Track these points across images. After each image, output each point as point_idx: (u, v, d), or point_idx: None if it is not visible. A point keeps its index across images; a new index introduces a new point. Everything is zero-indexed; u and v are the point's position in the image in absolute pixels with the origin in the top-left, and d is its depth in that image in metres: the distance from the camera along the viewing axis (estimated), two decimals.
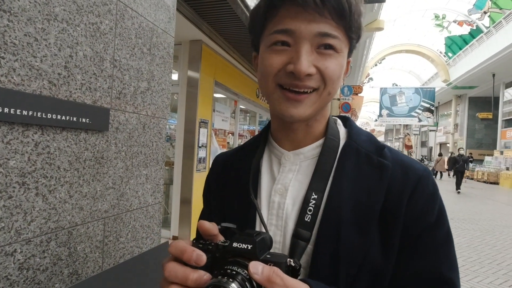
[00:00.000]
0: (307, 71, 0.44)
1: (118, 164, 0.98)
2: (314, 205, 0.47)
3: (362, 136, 0.53)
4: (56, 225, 0.77)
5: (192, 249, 0.35)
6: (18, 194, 0.68)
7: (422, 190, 0.47)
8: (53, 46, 0.74)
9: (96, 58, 0.87)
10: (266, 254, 0.36)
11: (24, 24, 0.68)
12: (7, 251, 0.66)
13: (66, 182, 0.79)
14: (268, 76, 0.47)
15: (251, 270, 0.32)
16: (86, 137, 0.85)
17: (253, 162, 0.55)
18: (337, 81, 0.48)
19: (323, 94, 0.47)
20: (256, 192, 0.53)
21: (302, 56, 0.44)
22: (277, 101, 0.48)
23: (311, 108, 0.47)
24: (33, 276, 0.72)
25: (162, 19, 1.19)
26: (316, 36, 0.44)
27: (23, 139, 0.68)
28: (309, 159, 0.52)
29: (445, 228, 0.47)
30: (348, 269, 0.44)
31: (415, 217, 0.46)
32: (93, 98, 0.87)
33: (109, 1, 0.92)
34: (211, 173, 0.62)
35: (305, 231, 0.46)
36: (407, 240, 0.45)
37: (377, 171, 0.48)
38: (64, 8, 0.77)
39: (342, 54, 0.47)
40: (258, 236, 0.36)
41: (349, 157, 0.50)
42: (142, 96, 1.08)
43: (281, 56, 0.46)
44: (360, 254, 0.44)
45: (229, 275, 0.32)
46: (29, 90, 0.69)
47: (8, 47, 0.65)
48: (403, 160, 0.50)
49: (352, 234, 0.45)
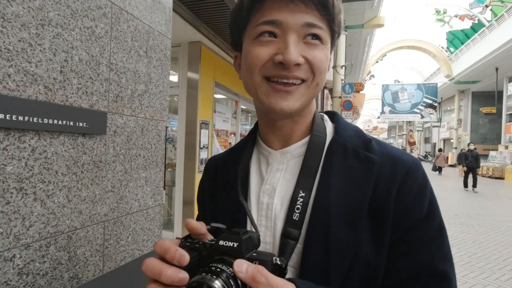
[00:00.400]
0: (297, 60, 0.44)
1: (116, 167, 0.98)
2: (301, 203, 0.46)
3: (349, 131, 0.53)
4: (55, 230, 0.77)
5: (176, 249, 0.34)
6: (16, 199, 0.68)
7: (411, 183, 0.46)
8: (48, 51, 0.74)
9: (92, 62, 0.87)
10: (252, 253, 0.36)
11: (18, 29, 0.68)
12: (6, 257, 0.66)
13: (64, 187, 0.79)
14: (254, 69, 0.46)
15: (235, 268, 0.32)
16: (83, 141, 0.85)
17: (242, 164, 0.54)
18: (324, 72, 0.48)
19: (311, 85, 0.47)
20: (246, 193, 0.52)
21: (290, 46, 0.44)
22: (265, 95, 0.47)
23: (300, 101, 0.47)
24: (33, 281, 0.72)
25: (159, 21, 1.18)
26: (303, 26, 0.44)
27: (19, 144, 0.69)
28: (296, 158, 0.52)
29: (436, 220, 0.46)
30: (338, 268, 0.43)
31: (404, 211, 0.45)
32: (90, 102, 0.87)
33: (104, 4, 0.92)
34: (204, 177, 0.62)
35: (294, 229, 0.46)
36: (398, 235, 0.45)
37: (364, 166, 0.47)
38: (58, 13, 0.77)
39: (327, 46, 0.47)
40: (245, 235, 0.36)
41: (336, 153, 0.49)
42: (140, 98, 1.08)
43: (268, 47, 0.45)
44: (351, 251, 0.43)
45: (214, 272, 0.32)
46: (25, 95, 0.69)
47: (2, 53, 0.65)
48: (391, 153, 0.49)
49: (342, 232, 0.44)
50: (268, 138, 0.54)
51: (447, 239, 0.47)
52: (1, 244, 0.65)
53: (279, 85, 0.45)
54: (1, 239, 0.65)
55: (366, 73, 23.19)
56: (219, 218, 0.53)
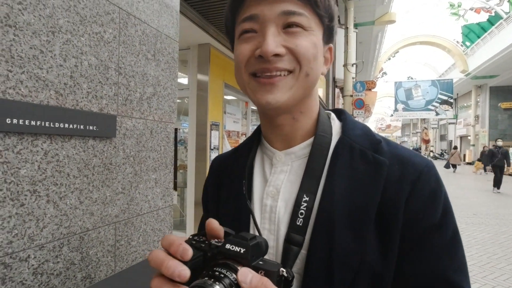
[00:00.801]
0: (274, 51, 0.42)
1: (126, 169, 0.99)
2: (305, 207, 0.45)
3: (357, 131, 0.50)
4: (68, 231, 0.79)
5: (179, 243, 0.34)
6: (30, 201, 0.70)
7: (423, 187, 0.43)
8: (58, 57, 0.76)
9: (101, 67, 0.89)
10: (259, 261, 0.35)
11: (29, 37, 0.70)
12: (21, 257, 0.68)
13: (76, 189, 0.81)
14: (240, 67, 0.46)
15: (239, 278, 0.31)
16: (94, 144, 0.87)
17: (246, 164, 0.53)
18: (313, 60, 0.45)
19: (300, 76, 0.45)
20: (249, 195, 0.51)
21: (267, 37, 0.43)
22: (252, 91, 0.46)
23: (289, 93, 0.45)
24: (47, 281, 0.74)
25: (166, 24, 1.20)
26: (280, 16, 0.43)
27: (32, 148, 0.71)
28: (301, 159, 0.50)
29: (450, 228, 0.44)
30: (343, 275, 0.41)
31: (415, 217, 0.42)
32: (100, 106, 0.89)
33: (112, 10, 0.94)
34: (208, 178, 0.62)
35: (298, 235, 0.44)
36: (408, 242, 0.42)
37: (372, 168, 0.45)
38: (67, 19, 0.79)
39: (312, 32, 0.45)
40: (253, 241, 0.35)
41: (342, 154, 0.47)
42: (149, 101, 1.10)
43: (249, 43, 0.45)
44: (356, 258, 0.41)
45: (217, 278, 0.31)
46: (37, 100, 0.72)
47: (15, 60, 0.67)
48: (401, 154, 0.46)
49: (347, 238, 0.42)
50: (270, 138, 0.53)
51: (462, 249, 0.44)
52: (16, 244, 0.68)
53: (263, 79, 0.44)
54: (16, 240, 0.68)
55: (378, 70, 22.79)
56: (222, 220, 0.53)
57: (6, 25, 0.66)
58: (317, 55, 0.46)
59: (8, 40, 0.66)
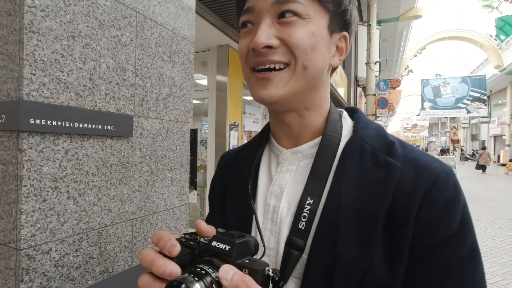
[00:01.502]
0: (265, 43, 0.40)
1: (143, 168, 1.03)
2: (309, 210, 0.42)
3: (369, 131, 0.47)
4: (87, 226, 0.83)
5: (168, 238, 0.34)
6: (52, 197, 0.74)
7: (438, 195, 0.39)
8: (78, 60, 0.80)
9: (119, 69, 0.93)
10: (245, 259, 0.34)
11: (51, 42, 0.74)
12: (43, 250, 0.72)
13: (94, 186, 0.85)
14: (242, 62, 0.45)
15: (220, 274, 0.31)
16: (111, 143, 0.90)
17: (253, 162, 0.52)
18: (310, 51, 0.42)
19: (296, 69, 0.42)
20: (254, 193, 0.50)
21: (259, 29, 0.41)
22: (251, 86, 0.45)
23: (285, 88, 0.42)
24: (67, 273, 0.78)
25: (182, 26, 1.23)
26: (273, 5, 0.41)
27: (54, 147, 0.75)
28: (308, 158, 0.48)
29: (469, 241, 0.39)
30: (345, 285, 0.39)
31: (428, 227, 0.39)
32: (117, 107, 0.92)
33: (129, 14, 0.97)
34: (216, 174, 0.62)
35: (299, 239, 0.42)
36: (419, 255, 0.39)
37: (383, 172, 0.41)
38: (87, 24, 0.83)
39: (311, 20, 0.42)
40: (240, 239, 0.34)
41: (352, 155, 0.44)
42: (164, 102, 1.13)
43: (247, 37, 0.44)
44: (361, 268, 0.38)
45: (198, 274, 0.31)
46: (58, 102, 0.76)
47: (38, 64, 0.71)
48: (417, 158, 0.42)
49: (352, 245, 0.39)
50: (278, 135, 0.51)
51: (482, 265, 0.40)
52: (39, 238, 0.72)
53: (259, 73, 0.43)
54: (39, 233, 0.72)
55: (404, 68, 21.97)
56: (227, 218, 0.53)
57: (30, 31, 0.70)
58: (316, 45, 0.42)
59: (32, 45, 0.70)
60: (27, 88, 0.69)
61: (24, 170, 0.69)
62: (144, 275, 0.33)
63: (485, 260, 3.88)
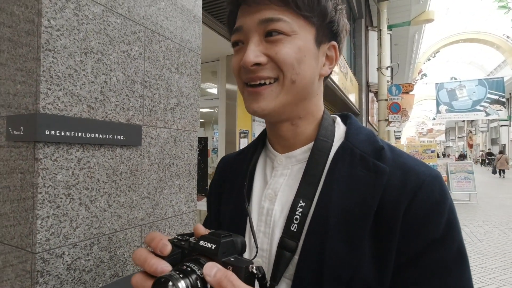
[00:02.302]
0: (252, 61, 0.43)
1: (151, 175, 1.07)
2: (301, 213, 0.44)
3: (360, 136, 0.49)
4: (98, 231, 0.87)
5: (160, 239, 0.36)
6: (65, 203, 0.79)
7: (424, 199, 0.40)
8: (90, 74, 0.86)
9: (128, 81, 0.98)
10: (230, 257, 0.35)
11: (65, 59, 0.80)
12: (57, 253, 0.77)
13: (105, 193, 0.89)
14: (236, 78, 0.48)
15: (204, 271, 0.32)
16: (121, 152, 0.95)
17: (249, 166, 0.54)
18: (297, 65, 0.44)
19: (285, 83, 0.44)
20: (249, 196, 0.52)
21: (248, 48, 0.44)
22: (244, 99, 0.48)
23: (275, 101, 0.45)
24: (79, 276, 0.82)
25: (188, 39, 1.28)
26: (260, 24, 0.44)
27: (67, 156, 0.80)
28: (301, 163, 0.50)
29: (454, 245, 0.40)
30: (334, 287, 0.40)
31: (414, 229, 0.39)
32: (127, 117, 0.97)
33: (138, 30, 1.03)
34: (214, 178, 0.64)
35: (291, 241, 0.44)
36: (404, 258, 0.39)
37: (371, 175, 0.43)
38: (98, 41, 0.89)
39: (297, 36, 0.44)
40: (226, 238, 0.36)
41: (343, 159, 0.46)
42: (172, 112, 1.17)
43: (238, 55, 0.47)
44: (349, 270, 0.39)
45: (184, 272, 0.33)
46: (71, 114, 0.81)
47: (53, 79, 0.77)
48: (405, 162, 0.44)
49: (340, 248, 0.40)
50: (273, 141, 0.54)
51: (469, 269, 0.40)
52: (53, 242, 0.76)
53: (251, 88, 0.46)
54: (53, 238, 0.76)
55: (417, 72, 21.61)
56: (222, 220, 0.55)
57: (46, 50, 0.76)
58: (303, 59, 0.45)
59: (48, 62, 0.76)
60: (43, 101, 0.75)
61: (40, 178, 0.74)
62: (137, 274, 0.36)
63: (506, 269, 3.71)
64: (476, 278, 3.49)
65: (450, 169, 8.33)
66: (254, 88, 0.45)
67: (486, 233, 5.20)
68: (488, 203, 8.27)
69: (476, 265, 3.88)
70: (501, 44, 20.09)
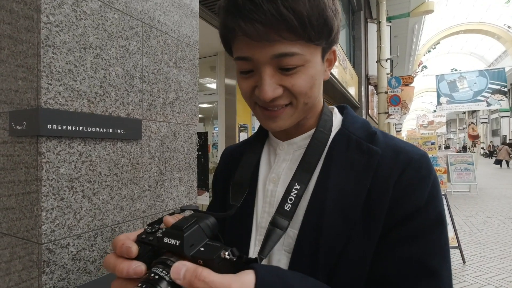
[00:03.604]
0: (272, 96, 0.45)
1: (152, 168, 1.09)
2: (295, 195, 0.48)
3: (356, 124, 0.53)
4: (101, 223, 0.89)
5: (122, 242, 0.35)
6: (68, 196, 0.81)
7: (412, 174, 0.45)
8: (89, 69, 0.87)
9: (127, 76, 0.99)
10: (200, 247, 0.33)
11: (65, 54, 0.81)
12: (62, 244, 0.79)
13: (107, 186, 0.91)
14: (245, 97, 0.51)
15: (172, 276, 0.30)
16: (122, 146, 0.97)
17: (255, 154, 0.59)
18: (310, 91, 0.47)
19: (298, 106, 0.48)
20: (255, 182, 0.56)
21: (264, 83, 0.44)
22: (258, 116, 0.51)
23: (290, 120, 0.49)
24: (84, 266, 0.84)
25: (186, 34, 1.29)
26: (272, 59, 0.44)
27: (69, 150, 0.82)
28: (302, 148, 0.54)
29: (435, 212, 0.44)
30: (327, 259, 0.44)
31: (401, 199, 0.44)
32: (126, 111, 0.99)
33: (136, 25, 1.04)
34: (219, 165, 0.68)
35: (283, 219, 0.47)
36: (392, 224, 0.44)
37: (365, 157, 0.47)
38: (97, 36, 0.90)
39: (310, 64, 0.46)
40: (190, 228, 0.33)
41: (340, 144, 0.50)
42: (171, 106, 1.19)
43: (248, 81, 0.48)
44: (341, 242, 0.44)
45: (151, 282, 0.30)
46: (72, 108, 0.82)
47: (54, 75, 0.78)
48: (396, 144, 0.48)
49: (335, 222, 0.45)
50: (275, 132, 0.58)
51: (446, 235, 0.45)
52: (58, 233, 0.78)
53: (266, 111, 0.48)
54: (58, 229, 0.78)
55: (417, 64, 21.49)
56: (228, 207, 0.58)
57: (46, 45, 0.77)
58: (314, 84, 0.47)
59: (48, 57, 0.77)
60: (44, 96, 0.76)
61: (44, 171, 0.76)
62: (116, 280, 0.35)
63: (505, 258, 3.75)
64: (475, 267, 3.54)
65: (450, 161, 8.35)
66: (271, 111, 0.48)
67: (486, 223, 5.24)
68: (488, 194, 8.30)
69: (475, 254, 3.91)
70: (502, 35, 19.93)
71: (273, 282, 0.32)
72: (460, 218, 5.63)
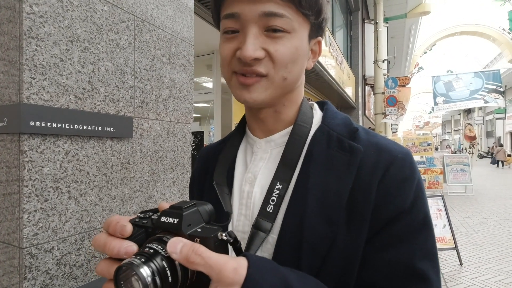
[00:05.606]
0: (253, 55, 0.42)
1: (144, 168, 1.04)
2: (277, 195, 0.46)
3: (336, 120, 0.50)
4: (88, 225, 0.85)
5: (116, 221, 0.34)
6: (53, 197, 0.76)
7: (395, 174, 0.43)
8: (77, 64, 0.83)
9: (117, 72, 0.95)
10: (197, 228, 0.33)
11: (50, 47, 0.77)
12: (46, 248, 0.74)
13: (95, 186, 0.87)
14: (224, 64, 0.47)
15: (168, 249, 0.30)
16: (112, 145, 0.92)
17: (229, 153, 0.55)
18: (291, 64, 0.45)
19: (275, 79, 0.45)
20: (231, 182, 0.53)
21: (247, 41, 0.43)
22: (233, 88, 0.47)
23: (265, 93, 0.46)
24: (70, 271, 0.80)
25: (180, 29, 1.24)
26: (261, 16, 0.42)
27: (54, 148, 0.77)
28: (280, 146, 0.51)
29: (421, 214, 0.42)
30: (311, 261, 0.41)
31: (385, 201, 0.42)
32: (117, 108, 0.94)
33: (127, 18, 0.99)
34: (196, 166, 0.64)
35: (266, 221, 0.45)
36: (377, 227, 0.42)
37: (347, 155, 0.45)
38: (85, 29, 0.85)
39: (296, 34, 0.45)
40: (189, 209, 0.33)
41: (320, 142, 0.48)
42: (164, 103, 1.15)
43: (231, 43, 0.45)
44: (326, 244, 0.41)
45: (146, 255, 0.30)
46: (58, 105, 0.78)
47: (37, 68, 0.74)
48: (379, 142, 0.46)
49: (318, 225, 0.42)
50: (253, 128, 0.55)
51: (433, 237, 0.43)
52: (41, 236, 0.74)
53: (241, 77, 0.45)
54: (41, 232, 0.74)
55: (413, 65, 21.60)
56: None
57: (29, 37, 0.72)
58: (297, 58, 0.46)
59: (31, 50, 0.73)
60: (27, 91, 0.72)
61: (26, 171, 0.71)
62: (101, 261, 0.33)
63: (501, 259, 3.76)
64: (472, 268, 3.53)
65: (446, 162, 8.37)
66: (246, 78, 0.45)
67: (482, 224, 5.25)
68: (484, 195, 8.34)
69: (472, 255, 3.91)
70: (497, 37, 20.09)
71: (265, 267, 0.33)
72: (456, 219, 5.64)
